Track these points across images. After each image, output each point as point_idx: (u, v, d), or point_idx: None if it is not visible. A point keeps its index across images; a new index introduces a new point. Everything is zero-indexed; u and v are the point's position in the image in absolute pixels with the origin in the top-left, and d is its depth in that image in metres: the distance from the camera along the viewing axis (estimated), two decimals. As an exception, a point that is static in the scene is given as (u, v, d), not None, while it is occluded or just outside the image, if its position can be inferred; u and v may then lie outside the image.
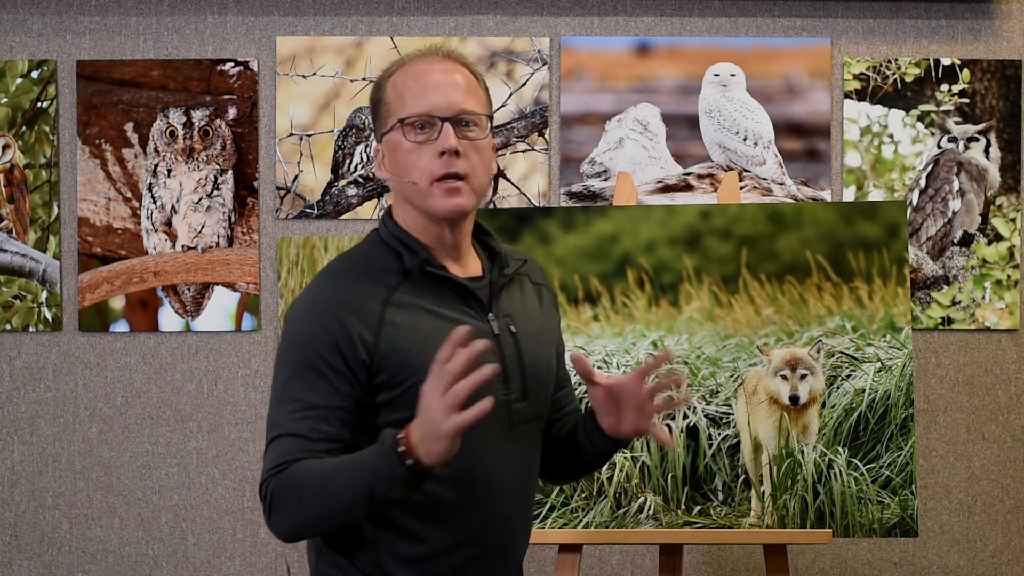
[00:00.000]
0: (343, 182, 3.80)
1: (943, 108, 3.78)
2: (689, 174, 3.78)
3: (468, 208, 2.25)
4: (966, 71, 3.78)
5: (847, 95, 3.78)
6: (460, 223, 2.28)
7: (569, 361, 2.36)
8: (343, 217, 3.79)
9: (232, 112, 3.79)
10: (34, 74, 3.79)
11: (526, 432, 2.31)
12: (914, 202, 3.77)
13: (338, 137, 3.80)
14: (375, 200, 3.79)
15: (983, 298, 3.77)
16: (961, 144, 3.77)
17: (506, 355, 2.27)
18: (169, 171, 3.78)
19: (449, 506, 2.22)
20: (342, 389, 2.17)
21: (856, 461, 3.06)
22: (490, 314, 2.28)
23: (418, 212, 2.27)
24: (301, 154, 3.79)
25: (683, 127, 3.80)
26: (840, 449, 3.07)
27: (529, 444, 2.33)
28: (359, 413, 2.19)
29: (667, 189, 3.78)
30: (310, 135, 3.80)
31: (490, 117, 2.28)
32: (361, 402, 2.19)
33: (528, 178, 3.79)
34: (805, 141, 3.79)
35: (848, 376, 3.11)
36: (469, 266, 2.32)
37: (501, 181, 3.78)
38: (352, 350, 2.17)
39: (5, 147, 3.78)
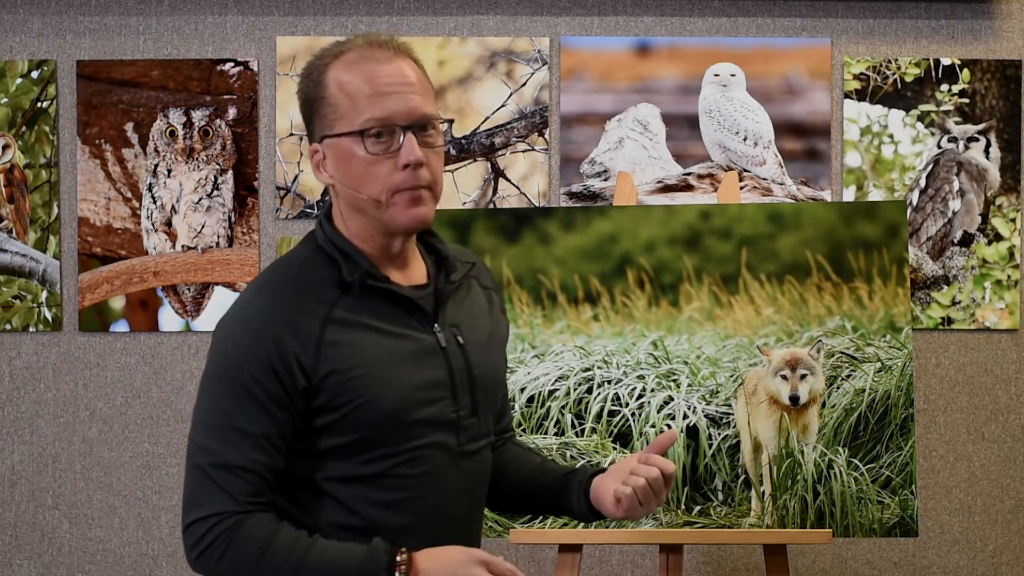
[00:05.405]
0: (343, 182, 3.80)
1: (943, 108, 3.78)
2: (689, 174, 3.78)
3: (432, 218, 2.11)
4: (966, 71, 3.78)
5: (847, 95, 3.78)
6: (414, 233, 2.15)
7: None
8: (343, 217, 3.79)
9: (232, 112, 3.79)
10: (34, 74, 3.79)
11: (476, 450, 2.18)
12: (914, 202, 3.77)
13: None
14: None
15: (983, 298, 3.77)
16: (961, 144, 3.77)
17: (454, 368, 2.14)
18: (169, 171, 3.78)
19: (399, 532, 2.10)
20: (278, 416, 2.05)
21: (856, 461, 3.06)
22: (436, 325, 2.14)
23: (368, 221, 2.12)
24: (301, 154, 3.79)
25: (683, 127, 3.80)
26: (840, 449, 3.07)
27: (480, 462, 2.20)
28: (295, 439, 2.08)
29: (667, 189, 3.78)
30: (310, 135, 3.80)
31: (445, 119, 2.17)
32: (297, 428, 2.07)
33: (528, 178, 3.79)
34: (805, 141, 3.79)
35: (848, 376, 3.11)
36: (414, 273, 2.17)
37: (501, 181, 3.78)
38: (289, 376, 2.04)
39: (5, 147, 3.78)
